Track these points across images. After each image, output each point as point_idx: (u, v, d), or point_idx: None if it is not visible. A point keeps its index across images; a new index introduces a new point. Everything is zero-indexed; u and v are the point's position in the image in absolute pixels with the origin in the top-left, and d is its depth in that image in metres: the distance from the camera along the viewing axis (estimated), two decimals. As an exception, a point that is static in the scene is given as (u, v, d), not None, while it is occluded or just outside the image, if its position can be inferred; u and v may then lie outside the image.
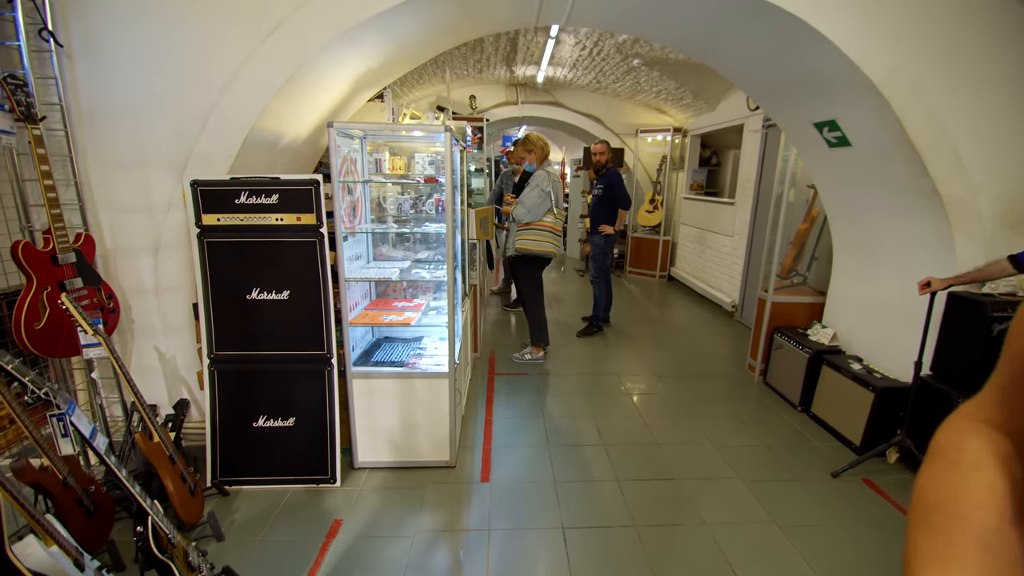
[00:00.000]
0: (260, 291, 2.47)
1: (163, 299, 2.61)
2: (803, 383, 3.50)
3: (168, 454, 2.21)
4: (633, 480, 2.70)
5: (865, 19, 2.51)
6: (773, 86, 3.24)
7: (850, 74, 2.62)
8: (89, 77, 2.36)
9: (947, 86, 2.61)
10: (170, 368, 2.74)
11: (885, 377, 3.05)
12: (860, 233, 3.42)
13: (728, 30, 2.92)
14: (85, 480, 2.07)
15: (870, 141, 2.90)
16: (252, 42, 2.33)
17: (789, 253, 4.17)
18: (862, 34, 2.51)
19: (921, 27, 2.54)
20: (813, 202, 4.10)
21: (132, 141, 2.42)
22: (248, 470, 2.60)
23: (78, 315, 1.92)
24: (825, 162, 3.35)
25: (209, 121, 2.39)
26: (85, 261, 2.33)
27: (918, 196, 2.84)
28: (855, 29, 2.51)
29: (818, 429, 3.30)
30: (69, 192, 2.41)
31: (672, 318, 5.91)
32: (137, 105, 2.39)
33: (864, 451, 2.93)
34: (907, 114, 2.62)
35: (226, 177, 2.34)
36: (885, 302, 3.25)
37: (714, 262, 6.56)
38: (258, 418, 2.57)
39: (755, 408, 3.60)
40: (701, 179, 7.32)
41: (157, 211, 2.49)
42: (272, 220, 2.40)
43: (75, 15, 2.33)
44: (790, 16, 2.49)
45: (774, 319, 3.93)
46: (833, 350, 3.48)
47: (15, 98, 2.06)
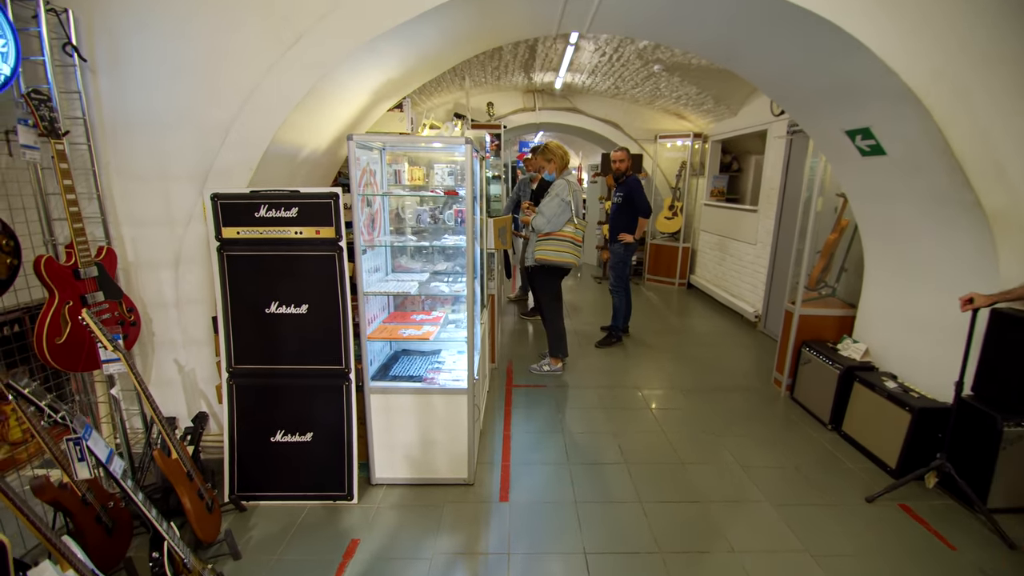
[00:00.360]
0: (279, 305, 2.45)
1: (183, 312, 2.61)
2: (833, 400, 3.37)
3: (186, 471, 2.19)
4: (657, 502, 2.61)
5: (903, 24, 2.40)
6: (801, 91, 3.13)
7: (886, 80, 2.51)
8: (112, 91, 2.37)
9: (990, 93, 2.48)
10: (189, 381, 2.74)
11: (922, 396, 2.91)
12: (894, 245, 3.28)
13: (753, 35, 2.83)
14: (104, 496, 2.06)
15: (907, 150, 2.78)
16: (273, 54, 2.31)
17: (817, 264, 4.04)
18: (900, 39, 2.41)
19: (962, 32, 2.42)
20: (843, 211, 3.97)
21: (154, 154, 2.42)
22: (265, 485, 2.57)
23: (99, 331, 1.90)
24: (857, 171, 3.23)
25: (230, 134, 2.38)
26: (107, 275, 2.33)
27: (958, 207, 2.71)
28: (892, 34, 2.40)
29: (850, 449, 3.17)
30: (92, 205, 2.42)
31: (693, 328, 5.79)
32: (159, 118, 2.39)
33: (901, 474, 2.80)
34: (949, 123, 2.50)
35: (246, 190, 2.32)
36: (921, 317, 3.11)
37: (736, 270, 6.42)
38: (276, 433, 2.54)
39: (782, 425, 3.48)
40: (722, 185, 7.18)
41: (178, 224, 2.49)
42: (291, 233, 2.37)
43: (99, 29, 2.34)
44: (821, 20, 2.39)
45: (802, 332, 3.80)
46: (865, 366, 3.35)
47: (39, 113, 2.06)
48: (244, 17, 2.31)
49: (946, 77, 2.43)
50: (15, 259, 2.06)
